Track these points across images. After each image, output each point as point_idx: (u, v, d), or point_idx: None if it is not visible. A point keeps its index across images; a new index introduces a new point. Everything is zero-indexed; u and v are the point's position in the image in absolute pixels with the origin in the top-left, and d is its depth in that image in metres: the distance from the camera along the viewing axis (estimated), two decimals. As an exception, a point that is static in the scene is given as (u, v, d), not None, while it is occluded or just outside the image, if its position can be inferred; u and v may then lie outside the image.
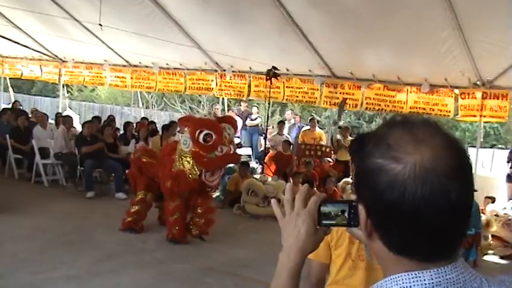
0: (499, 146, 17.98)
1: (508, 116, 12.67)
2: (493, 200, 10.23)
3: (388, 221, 1.03)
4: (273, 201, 1.51)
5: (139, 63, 16.51)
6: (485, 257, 8.69)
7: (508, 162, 12.12)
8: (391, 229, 1.04)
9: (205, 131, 6.81)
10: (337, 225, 1.33)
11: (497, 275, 1.10)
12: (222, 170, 7.54)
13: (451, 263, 1.03)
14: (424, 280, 1.01)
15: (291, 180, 11.67)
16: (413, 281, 1.01)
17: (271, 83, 12.67)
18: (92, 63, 17.48)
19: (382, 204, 1.02)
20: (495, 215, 9.24)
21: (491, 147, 15.90)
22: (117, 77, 17.36)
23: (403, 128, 1.05)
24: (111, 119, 15.25)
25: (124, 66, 16.96)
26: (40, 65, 18.55)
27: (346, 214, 1.30)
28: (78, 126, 14.57)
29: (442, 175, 0.98)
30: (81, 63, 17.67)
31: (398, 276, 1.03)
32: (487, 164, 13.86)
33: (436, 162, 0.99)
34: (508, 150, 12.66)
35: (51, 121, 14.20)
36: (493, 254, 8.75)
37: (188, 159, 7.02)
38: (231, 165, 10.31)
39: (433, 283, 1.00)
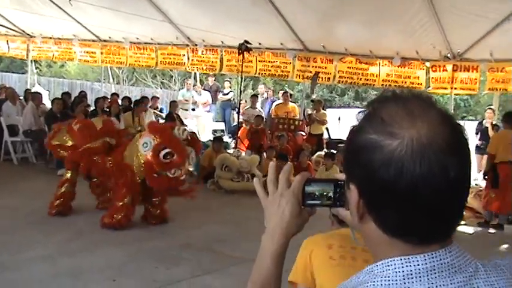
0: (470, 118, 18.19)
1: (478, 88, 12.82)
2: None
3: (384, 200, 0.97)
4: (255, 180, 1.44)
5: (110, 38, 16.25)
6: (458, 228, 8.79)
7: (477, 133, 12.25)
8: (386, 209, 0.98)
9: (168, 150, 6.63)
10: (322, 205, 1.27)
11: (491, 259, 1.06)
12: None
13: (446, 246, 0.99)
14: (418, 265, 0.96)
15: (265, 155, 11.67)
16: (406, 266, 0.97)
17: (243, 57, 12.57)
18: (61, 39, 17.15)
19: (377, 182, 0.96)
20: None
21: (461, 119, 16.08)
22: (87, 52, 17.09)
23: (396, 103, 1.00)
24: (82, 95, 15.03)
25: (94, 41, 16.69)
26: (7, 41, 18.15)
27: (331, 194, 1.25)
28: (47, 103, 14.30)
29: (439, 151, 0.94)
30: (50, 38, 17.32)
31: (391, 261, 0.98)
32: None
33: (433, 138, 0.94)
34: (477, 122, 12.80)
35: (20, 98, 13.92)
36: (465, 224, 8.89)
37: (141, 161, 6.83)
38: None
39: (427, 268, 0.96)
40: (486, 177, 9.07)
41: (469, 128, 12.98)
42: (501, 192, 8.71)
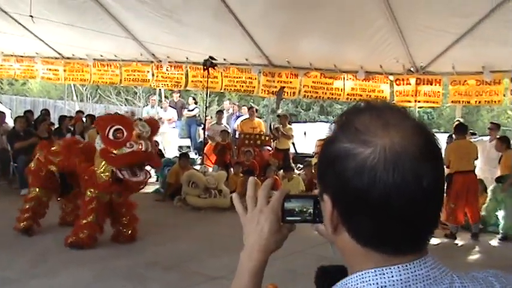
0: (433, 130, 18.51)
1: (441, 101, 13.06)
2: None
3: (357, 209, 0.97)
4: (234, 196, 1.44)
5: (73, 55, 16.13)
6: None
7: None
8: (360, 218, 0.98)
9: (116, 126, 6.54)
10: (302, 221, 1.25)
11: (468, 272, 1.05)
12: (144, 169, 6.86)
13: (422, 257, 0.98)
14: (392, 277, 0.96)
15: (232, 171, 11.66)
16: (380, 278, 0.96)
17: (208, 73, 12.57)
18: (23, 56, 16.95)
19: (351, 191, 0.96)
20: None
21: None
22: (50, 69, 16.91)
23: (370, 113, 1.00)
24: (44, 113, 14.81)
25: (56, 58, 16.54)
26: (-34, 59, 17.81)
27: (311, 210, 1.24)
28: (10, 121, 14.06)
29: (413, 159, 0.93)
30: (11, 56, 17.08)
31: (365, 273, 0.97)
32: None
33: (407, 146, 0.94)
34: (443, 134, 12.99)
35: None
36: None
37: (100, 160, 6.72)
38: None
39: (401, 280, 0.95)
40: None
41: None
42: (458, 201, 8.88)
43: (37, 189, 7.44)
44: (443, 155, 1.12)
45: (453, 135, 10.69)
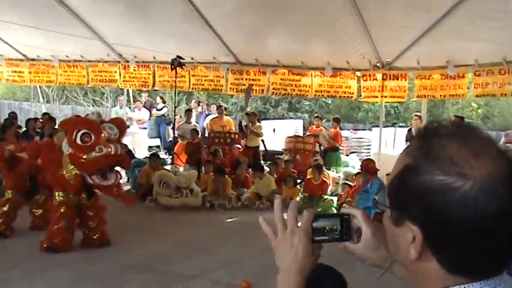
0: (400, 124, 18.76)
1: (407, 96, 13.26)
2: None
3: (455, 240, 0.98)
4: (261, 219, 1.39)
5: (38, 56, 15.95)
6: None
7: (407, 141, 12.60)
8: (457, 248, 0.99)
9: (83, 131, 6.47)
10: (330, 240, 1.29)
11: None
12: (114, 170, 6.79)
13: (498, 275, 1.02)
14: None
15: (203, 170, 11.68)
16: None
17: (176, 72, 12.56)
18: (-14, 59, 16.64)
19: (450, 223, 0.97)
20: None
21: (392, 126, 16.53)
22: (14, 71, 16.71)
23: (456, 140, 1.01)
24: (12, 117, 14.63)
25: (21, 60, 16.31)
26: None
27: (338, 228, 1.28)
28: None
29: (506, 185, 0.96)
30: (-26, 58, 16.77)
31: None
32: (389, 142, 14.43)
33: (499, 175, 0.96)
34: (407, 129, 13.20)
35: None
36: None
37: (68, 164, 6.63)
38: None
39: None
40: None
41: (402, 134, 13.39)
42: None
43: (10, 192, 7.37)
44: None
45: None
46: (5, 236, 7.22)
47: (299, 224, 1.29)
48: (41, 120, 13.85)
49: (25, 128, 13.17)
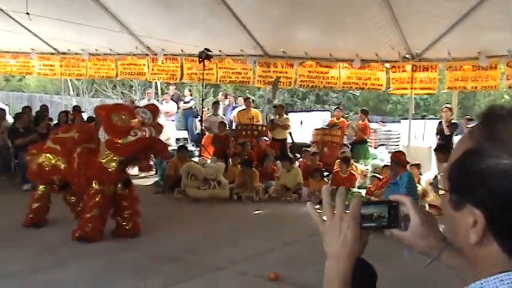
0: (430, 116, 18.56)
1: (438, 87, 13.10)
2: (418, 167, 10.57)
3: None
4: (309, 205, 1.42)
5: (68, 50, 16.16)
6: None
7: (437, 134, 12.40)
8: None
9: (117, 115, 6.53)
10: (378, 227, 1.30)
11: None
12: (150, 157, 7.05)
13: None
14: None
15: (231, 162, 11.72)
16: None
17: (204, 65, 12.61)
18: (19, 52, 16.96)
19: None
20: (430, 184, 9.51)
21: (422, 118, 16.33)
22: (46, 65, 16.96)
23: None
24: (44, 109, 14.86)
25: (52, 54, 16.56)
26: (-38, 56, 17.80)
27: (386, 215, 1.28)
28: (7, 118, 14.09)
29: None
30: (7, 52, 17.09)
31: (506, 275, 0.98)
32: (419, 135, 14.27)
33: None
34: (438, 121, 13.01)
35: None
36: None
37: (105, 151, 6.71)
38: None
39: None
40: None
41: (431, 126, 13.21)
42: None
43: (43, 187, 7.47)
44: None
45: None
46: (38, 226, 7.37)
47: (347, 211, 1.31)
48: (71, 113, 14.03)
49: (57, 121, 13.34)
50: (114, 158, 6.72)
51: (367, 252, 1.34)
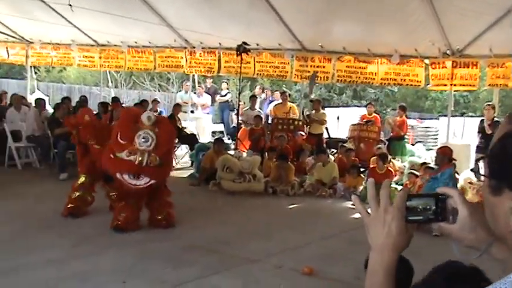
0: (469, 114, 18.25)
1: (478, 84, 12.86)
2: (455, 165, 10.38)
3: None
4: (354, 197, 1.42)
5: (108, 42, 16.35)
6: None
7: (479, 132, 12.03)
8: None
9: (121, 131, 6.53)
10: (424, 220, 1.29)
11: None
12: (142, 177, 6.54)
13: None
14: None
15: (266, 156, 11.73)
16: None
17: (241, 59, 12.62)
18: (59, 44, 17.25)
19: None
20: (469, 183, 9.37)
21: (461, 116, 16.09)
22: (86, 56, 17.17)
23: None
24: (83, 100, 15.11)
25: (92, 45, 16.79)
26: (6, 47, 18.20)
27: (433, 208, 1.27)
28: (47, 108, 14.36)
29: None
30: (49, 44, 17.40)
31: None
32: (458, 133, 14.07)
33: None
34: (479, 119, 12.75)
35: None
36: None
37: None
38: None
39: None
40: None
41: (471, 124, 12.97)
42: None
43: (84, 177, 7.54)
44: None
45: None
46: (76, 216, 7.44)
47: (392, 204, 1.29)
48: (110, 104, 14.21)
49: (96, 112, 13.53)
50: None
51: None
